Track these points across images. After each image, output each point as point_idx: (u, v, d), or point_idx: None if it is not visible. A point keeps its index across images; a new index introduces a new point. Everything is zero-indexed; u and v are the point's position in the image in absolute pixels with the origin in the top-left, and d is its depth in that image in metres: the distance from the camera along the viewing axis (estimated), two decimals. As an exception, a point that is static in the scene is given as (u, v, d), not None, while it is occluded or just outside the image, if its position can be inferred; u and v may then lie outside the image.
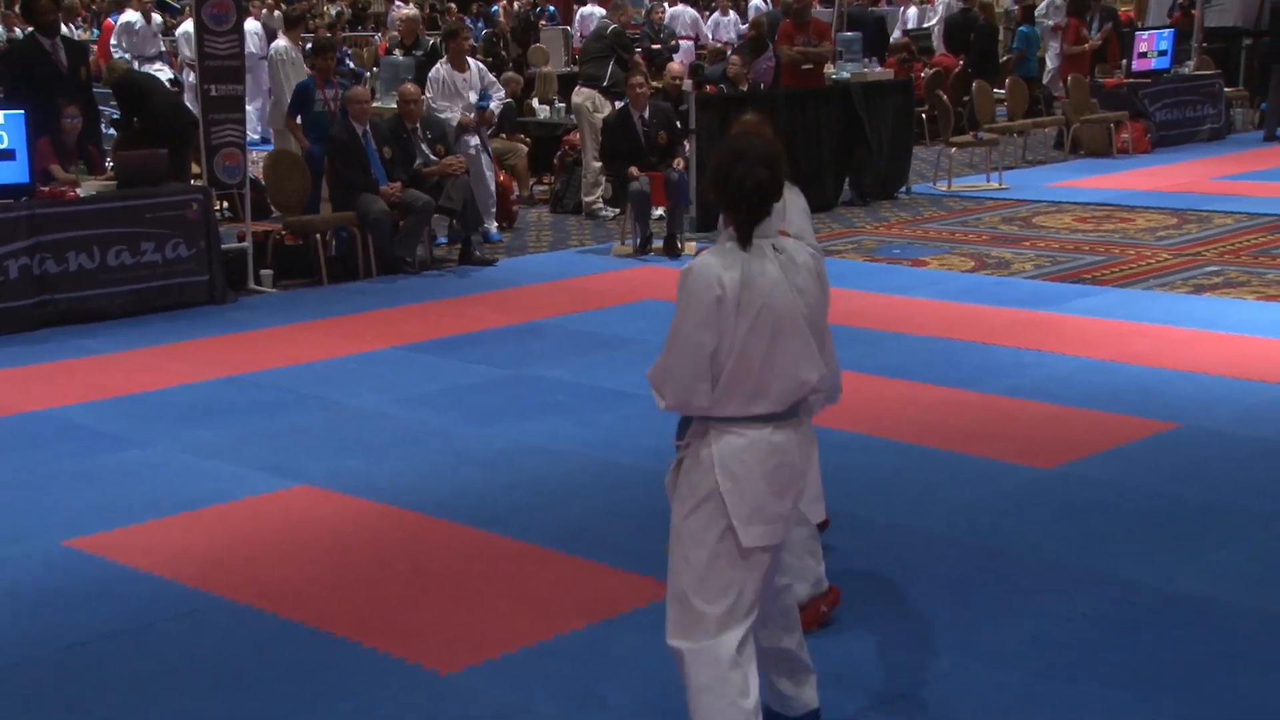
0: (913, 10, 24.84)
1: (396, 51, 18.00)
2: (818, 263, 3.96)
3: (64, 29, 14.00)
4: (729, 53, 18.76)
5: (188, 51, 15.72)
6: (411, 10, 22.99)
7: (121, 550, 6.11)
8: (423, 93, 12.48)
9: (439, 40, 16.64)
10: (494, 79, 13.67)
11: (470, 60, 13.59)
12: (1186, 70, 19.13)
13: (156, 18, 20.37)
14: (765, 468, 3.83)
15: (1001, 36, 23.51)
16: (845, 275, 11.19)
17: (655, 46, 19.88)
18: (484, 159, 12.96)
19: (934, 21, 24.44)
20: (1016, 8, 21.81)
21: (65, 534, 6.29)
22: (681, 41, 21.05)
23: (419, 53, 17.82)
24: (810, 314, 3.86)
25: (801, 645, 4.22)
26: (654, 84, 13.62)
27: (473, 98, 13.04)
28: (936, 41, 22.76)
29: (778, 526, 3.87)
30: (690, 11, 23.12)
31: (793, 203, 4.85)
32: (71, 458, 7.35)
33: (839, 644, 4.86)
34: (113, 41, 19.03)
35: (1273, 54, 18.41)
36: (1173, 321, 9.59)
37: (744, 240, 3.77)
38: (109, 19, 19.16)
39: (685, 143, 12.82)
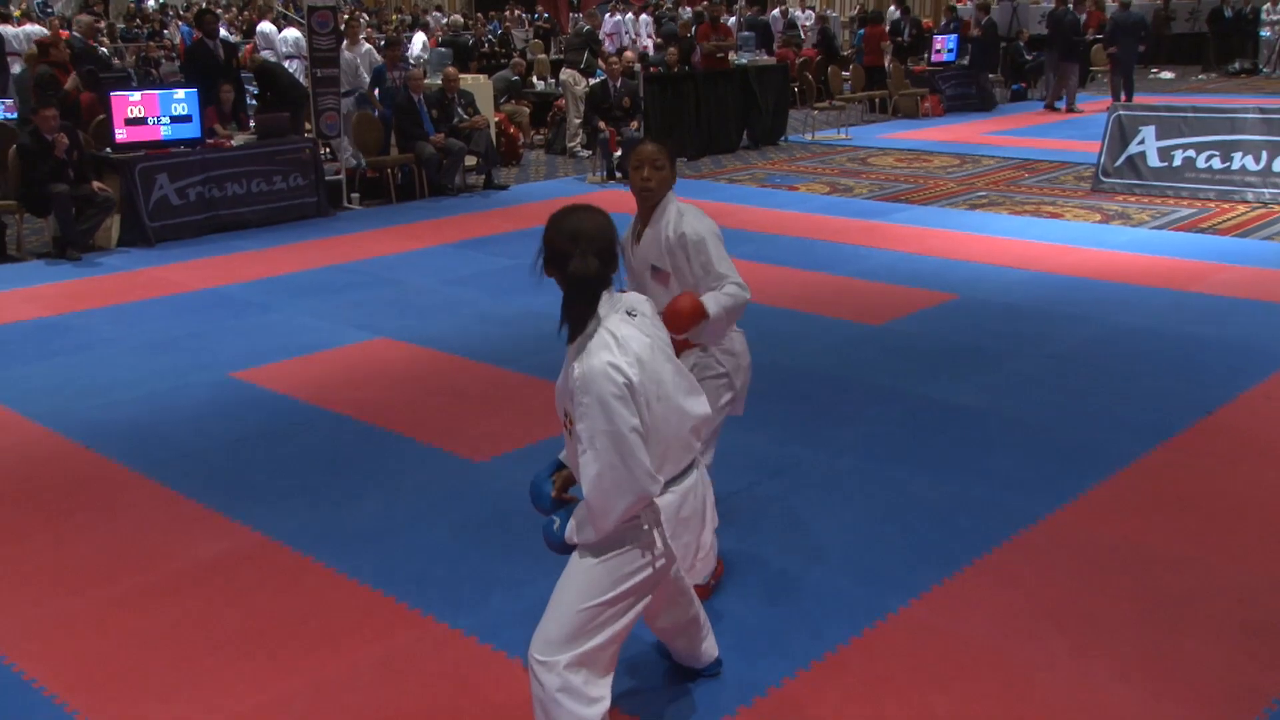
0: (774, 11, 24.33)
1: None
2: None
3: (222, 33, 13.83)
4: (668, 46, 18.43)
5: (282, 49, 15.32)
6: (456, 18, 22.44)
7: (264, 379, 6.12)
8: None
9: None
10: None
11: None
12: (965, 62, 18.96)
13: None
14: (687, 511, 2.88)
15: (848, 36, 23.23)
16: (745, 196, 11.16)
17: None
18: None
19: (809, 24, 24.18)
20: (856, 11, 21.47)
21: (228, 368, 6.31)
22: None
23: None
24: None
25: (698, 615, 3.17)
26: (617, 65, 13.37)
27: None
28: (806, 39, 22.46)
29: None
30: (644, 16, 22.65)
31: (707, 230, 3.59)
32: (231, 318, 7.32)
33: (722, 439, 4.90)
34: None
35: (1063, 52, 17.83)
36: (955, 228, 9.59)
37: (583, 320, 2.59)
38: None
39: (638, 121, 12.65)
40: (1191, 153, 10.68)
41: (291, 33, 15.09)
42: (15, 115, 11.40)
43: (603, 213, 2.71)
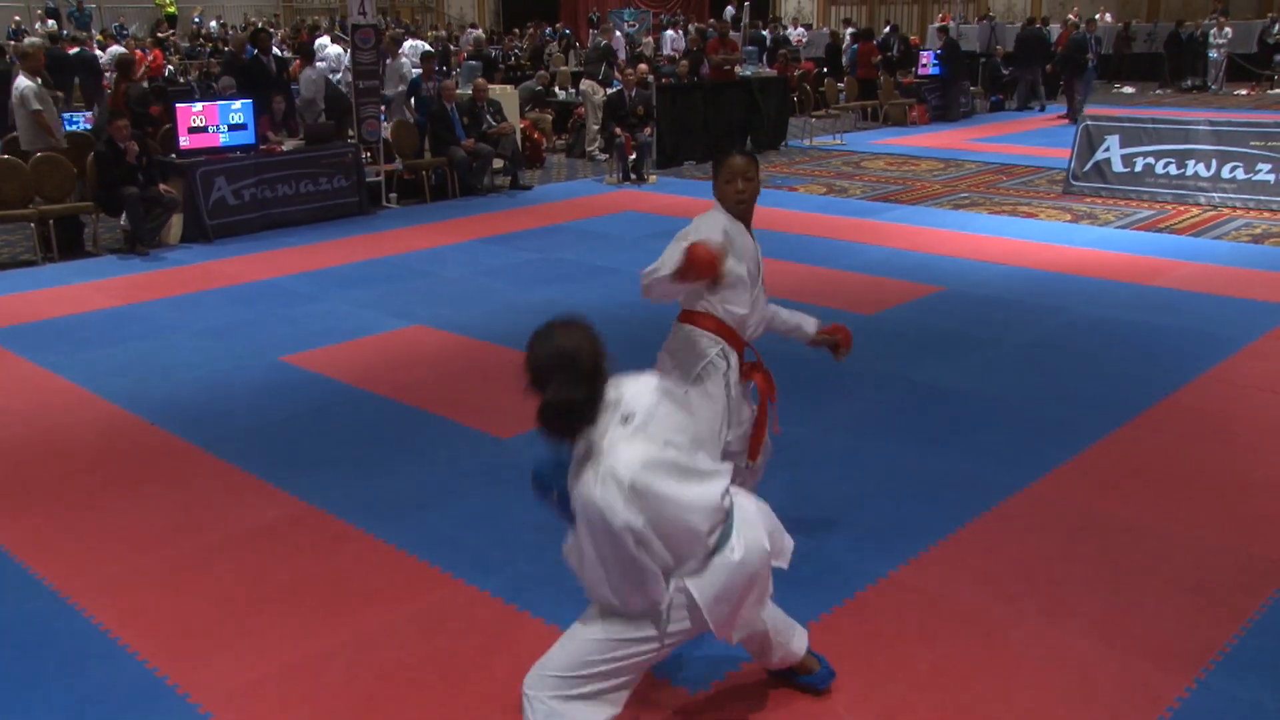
0: (775, 30, 24.25)
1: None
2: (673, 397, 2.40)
3: (274, 50, 13.73)
4: (678, 58, 18.29)
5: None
6: (481, 33, 22.33)
7: (311, 362, 6.10)
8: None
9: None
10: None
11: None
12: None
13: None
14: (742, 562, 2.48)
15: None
16: (744, 197, 11.09)
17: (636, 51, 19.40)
18: None
19: (806, 42, 24.12)
20: (849, 32, 21.34)
21: (279, 353, 6.28)
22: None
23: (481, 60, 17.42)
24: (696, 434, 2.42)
25: (775, 617, 2.85)
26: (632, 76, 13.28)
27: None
28: (803, 54, 22.34)
29: None
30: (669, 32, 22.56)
31: None
32: (282, 307, 7.29)
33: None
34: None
35: (1072, 68, 17.78)
36: (941, 226, 9.51)
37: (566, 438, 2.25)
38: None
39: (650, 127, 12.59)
40: (1151, 160, 10.66)
41: (334, 49, 15.06)
42: (90, 127, 11.40)
43: (586, 326, 2.27)
